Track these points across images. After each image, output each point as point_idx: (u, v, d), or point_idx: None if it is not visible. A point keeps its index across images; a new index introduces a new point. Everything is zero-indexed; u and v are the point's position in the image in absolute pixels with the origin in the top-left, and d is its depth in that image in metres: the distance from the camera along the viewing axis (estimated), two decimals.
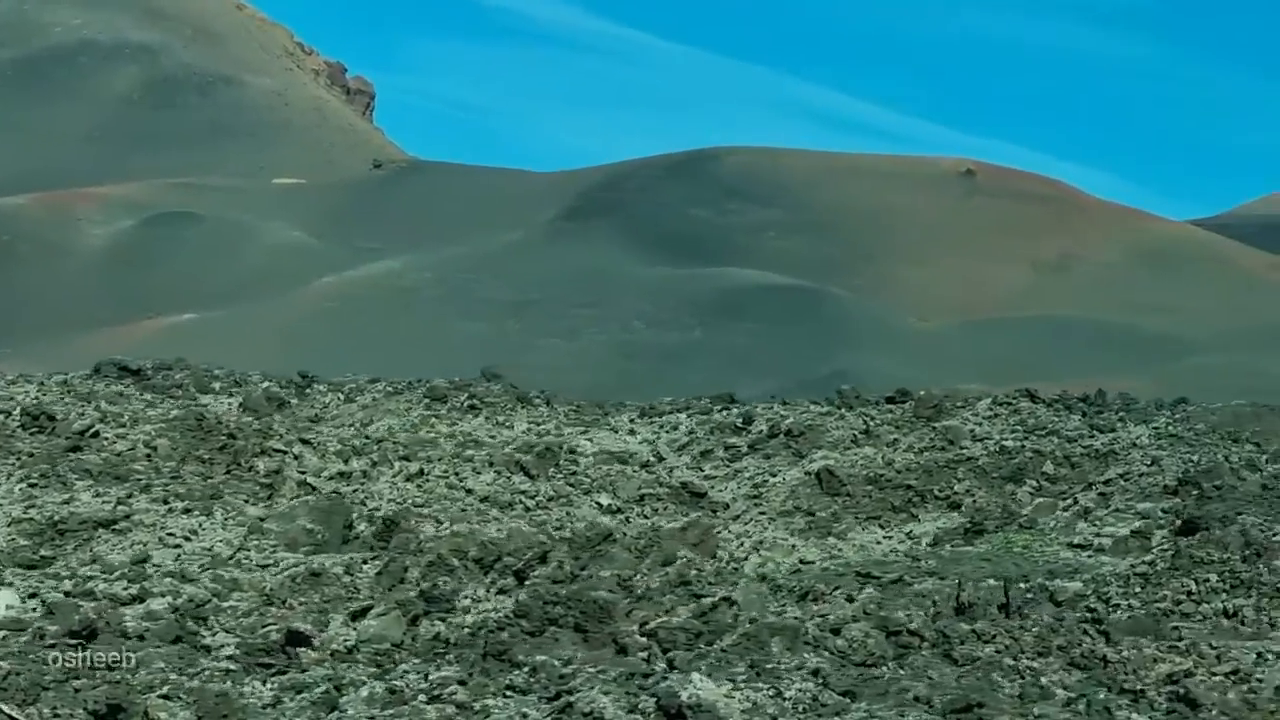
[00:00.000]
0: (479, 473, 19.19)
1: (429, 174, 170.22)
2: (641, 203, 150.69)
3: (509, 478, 19.16)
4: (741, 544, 17.30)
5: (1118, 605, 13.52)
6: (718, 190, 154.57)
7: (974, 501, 18.08)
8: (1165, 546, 14.30)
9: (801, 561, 16.36)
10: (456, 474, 18.98)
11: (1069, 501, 18.24)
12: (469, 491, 18.48)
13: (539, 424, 23.08)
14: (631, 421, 23.63)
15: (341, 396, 24.50)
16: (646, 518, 18.61)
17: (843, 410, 20.45)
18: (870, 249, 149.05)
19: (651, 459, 20.99)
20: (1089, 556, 15.28)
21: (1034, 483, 18.65)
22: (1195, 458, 18.52)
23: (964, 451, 19.08)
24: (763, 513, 18.58)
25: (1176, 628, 11.62)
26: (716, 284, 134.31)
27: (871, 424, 19.92)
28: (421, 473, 18.90)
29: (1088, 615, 11.71)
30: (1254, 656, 10.38)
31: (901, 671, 9.65)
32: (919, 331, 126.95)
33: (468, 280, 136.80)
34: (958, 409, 20.24)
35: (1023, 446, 19.11)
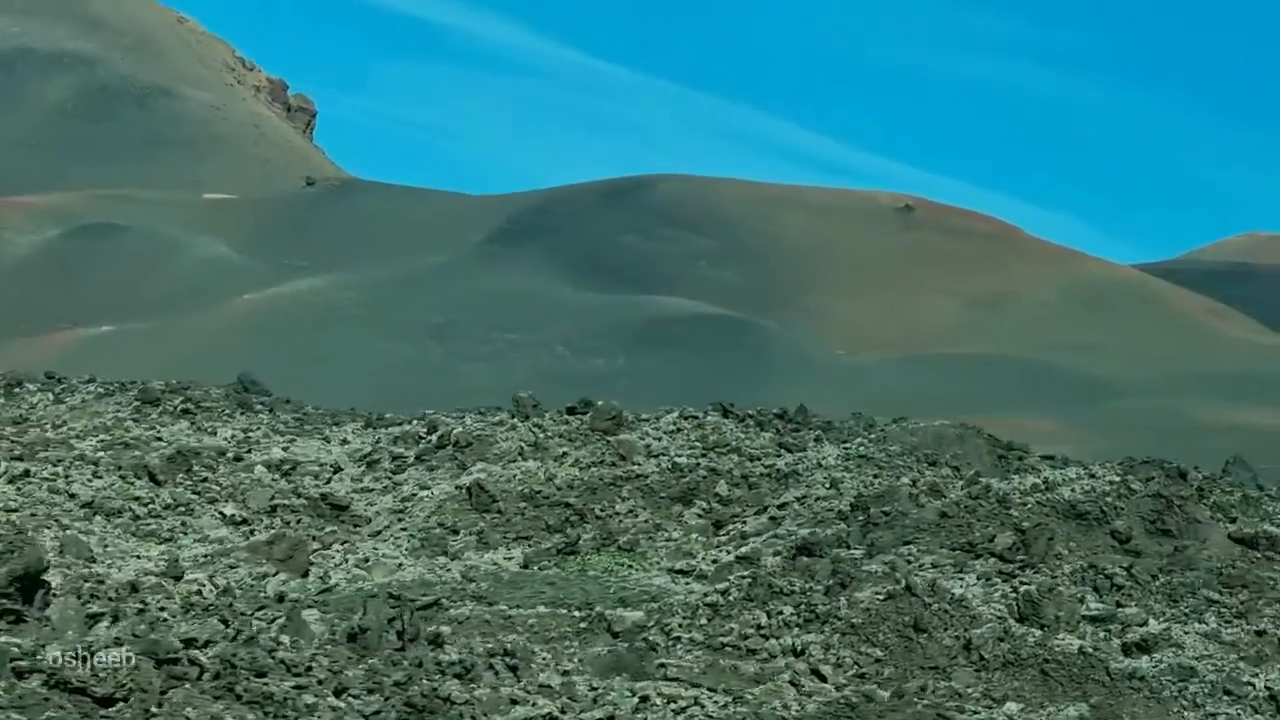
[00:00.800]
0: (99, 477, 17.48)
1: (361, 193, 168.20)
2: (572, 228, 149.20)
3: (131, 483, 17.44)
4: (345, 561, 15.64)
5: (678, 638, 11.87)
6: (650, 218, 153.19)
7: (627, 523, 16.41)
8: (745, 576, 12.63)
9: (398, 582, 14.67)
10: (67, 478, 17.25)
11: (737, 524, 16.61)
12: (73, 496, 16.78)
13: (246, 430, 21.47)
14: (354, 432, 22.07)
15: (51, 397, 22.96)
16: (271, 529, 16.93)
17: (516, 421, 18.77)
18: (802, 281, 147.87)
19: (328, 469, 19.36)
20: (686, 583, 13.62)
21: (704, 503, 17.01)
22: (878, 481, 16.93)
23: (634, 468, 17.44)
24: (404, 528, 16.93)
25: (663, 665, 9.94)
26: (644, 311, 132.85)
27: (542, 436, 18.25)
28: (27, 474, 17.18)
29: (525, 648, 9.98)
30: (636, 701, 8.74)
31: (135, 707, 7.95)
32: (843, 365, 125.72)
33: (392, 301, 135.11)
34: (640, 422, 18.58)
35: (698, 464, 17.47)
